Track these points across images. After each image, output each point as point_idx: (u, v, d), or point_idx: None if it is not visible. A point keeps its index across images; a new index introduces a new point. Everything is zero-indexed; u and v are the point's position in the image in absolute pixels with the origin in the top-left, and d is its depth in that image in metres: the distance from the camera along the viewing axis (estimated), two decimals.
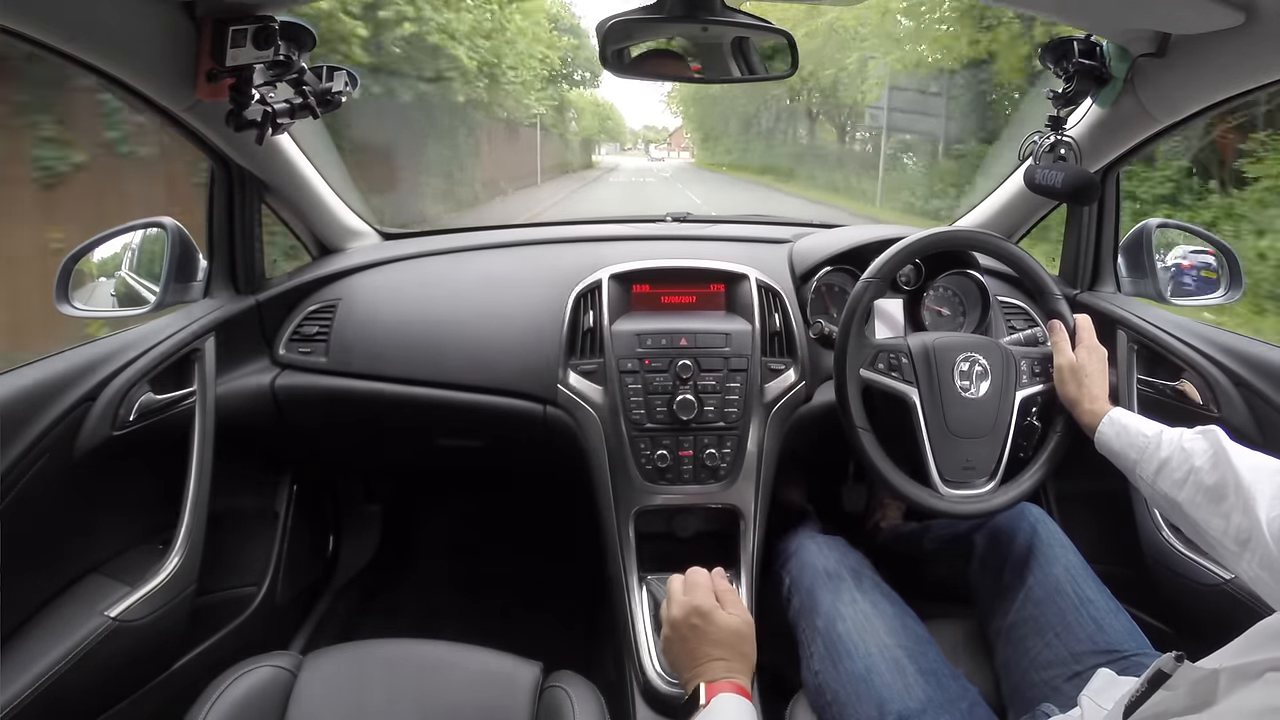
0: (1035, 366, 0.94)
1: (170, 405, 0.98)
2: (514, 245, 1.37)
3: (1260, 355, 0.97)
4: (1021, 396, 0.93)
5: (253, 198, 1.14)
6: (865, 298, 0.94)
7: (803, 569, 0.96)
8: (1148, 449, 0.76)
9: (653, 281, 1.17)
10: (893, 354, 0.94)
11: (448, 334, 1.20)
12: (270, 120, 0.92)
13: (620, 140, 41.08)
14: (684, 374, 1.05)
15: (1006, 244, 0.99)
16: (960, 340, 0.95)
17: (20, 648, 0.81)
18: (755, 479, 1.05)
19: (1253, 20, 0.74)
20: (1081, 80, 0.99)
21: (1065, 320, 0.93)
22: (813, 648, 0.86)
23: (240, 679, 0.81)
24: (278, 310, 1.22)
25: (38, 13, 0.69)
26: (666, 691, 0.92)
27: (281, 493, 1.33)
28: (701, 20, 0.83)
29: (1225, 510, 0.66)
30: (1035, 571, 0.88)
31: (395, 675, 0.84)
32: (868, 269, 0.96)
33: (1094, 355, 0.90)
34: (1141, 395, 1.07)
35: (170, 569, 0.93)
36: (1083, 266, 1.23)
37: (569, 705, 0.81)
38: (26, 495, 0.80)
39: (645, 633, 0.97)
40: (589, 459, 1.07)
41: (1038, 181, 1.07)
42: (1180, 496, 0.71)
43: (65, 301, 1.00)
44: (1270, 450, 0.68)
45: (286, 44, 0.90)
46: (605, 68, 0.88)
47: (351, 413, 1.22)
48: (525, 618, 1.44)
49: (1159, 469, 0.74)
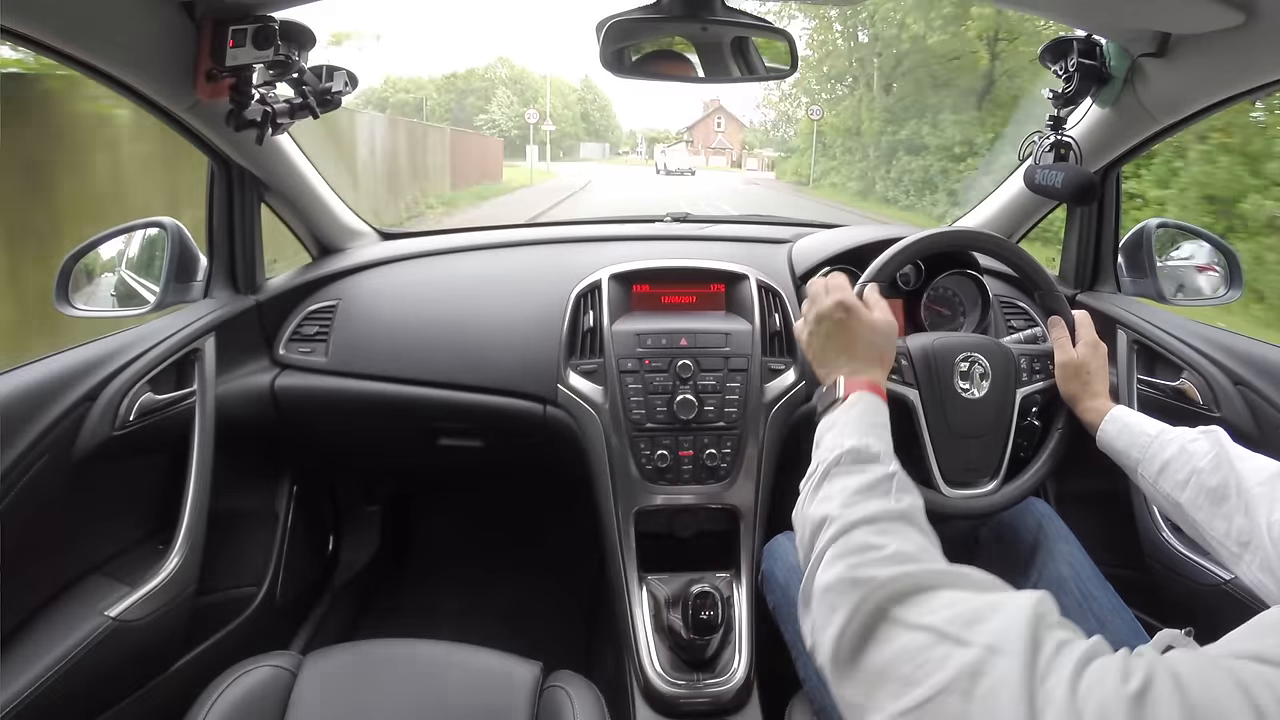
0: (1035, 365, 0.94)
1: (170, 405, 0.98)
2: (514, 245, 1.38)
3: (1260, 355, 0.97)
4: (1022, 395, 0.93)
5: (252, 198, 1.14)
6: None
7: (775, 564, 0.95)
8: (1150, 448, 0.76)
9: (653, 281, 1.17)
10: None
11: (447, 334, 1.20)
12: (270, 120, 0.92)
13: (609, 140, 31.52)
14: (684, 374, 1.05)
15: (1006, 243, 0.99)
16: (960, 340, 0.95)
17: (20, 648, 0.81)
18: (755, 479, 1.05)
19: (1253, 20, 0.74)
20: (1081, 80, 0.99)
21: (1066, 317, 0.93)
22: (797, 652, 0.86)
23: (240, 679, 0.81)
24: (278, 310, 1.22)
25: (38, 13, 0.69)
26: (666, 691, 0.91)
27: (281, 493, 1.33)
28: (701, 20, 0.83)
29: (1227, 512, 0.66)
30: (1039, 568, 0.88)
31: (395, 675, 0.84)
32: (867, 269, 0.96)
33: (1096, 352, 0.89)
34: (1141, 395, 1.07)
35: (170, 569, 0.93)
36: (1083, 266, 1.23)
37: (569, 705, 0.81)
38: (26, 495, 0.80)
39: (645, 632, 0.97)
40: (589, 459, 1.07)
41: (1038, 181, 1.07)
42: (1182, 497, 0.71)
43: (65, 301, 1.00)
44: (1270, 450, 0.68)
45: (286, 44, 0.90)
46: (605, 68, 0.88)
47: (351, 413, 1.22)
48: (525, 617, 1.44)
49: (1161, 469, 0.74)
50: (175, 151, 2.47)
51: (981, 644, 0.40)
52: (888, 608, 0.45)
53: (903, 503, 0.56)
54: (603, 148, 30.40)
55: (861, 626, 0.45)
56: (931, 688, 0.40)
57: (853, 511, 0.54)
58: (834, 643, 0.46)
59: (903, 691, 0.41)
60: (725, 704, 0.92)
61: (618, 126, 32.94)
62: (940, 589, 0.46)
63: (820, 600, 0.50)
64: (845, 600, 0.47)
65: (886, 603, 0.46)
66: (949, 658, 0.40)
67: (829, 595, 0.49)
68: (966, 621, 0.42)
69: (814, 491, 0.60)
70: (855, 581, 0.48)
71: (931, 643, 0.42)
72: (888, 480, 0.58)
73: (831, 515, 0.55)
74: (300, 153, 1.17)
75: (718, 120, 27.89)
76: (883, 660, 0.44)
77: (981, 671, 0.39)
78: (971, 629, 0.41)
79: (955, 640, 0.41)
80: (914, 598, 0.45)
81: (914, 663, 0.42)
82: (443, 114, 24.73)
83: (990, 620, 0.41)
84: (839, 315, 0.73)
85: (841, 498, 0.56)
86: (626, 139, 32.46)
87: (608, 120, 31.99)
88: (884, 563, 0.49)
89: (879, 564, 0.49)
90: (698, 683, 0.93)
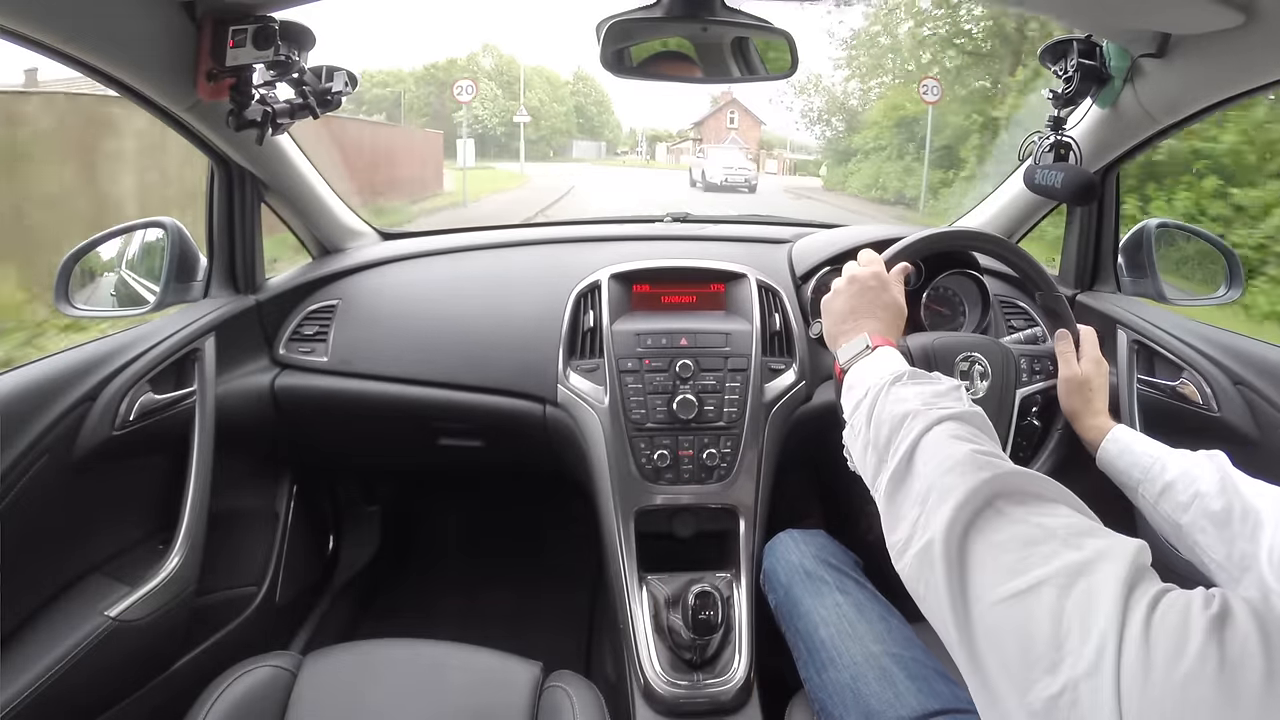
0: (1035, 365, 0.94)
1: (170, 405, 0.98)
2: (514, 245, 1.38)
3: (1260, 355, 0.97)
4: (1022, 395, 0.93)
5: (253, 198, 1.14)
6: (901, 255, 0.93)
7: (777, 563, 0.94)
8: (1151, 470, 0.76)
9: (653, 281, 1.17)
10: None
11: (447, 334, 1.20)
12: (270, 120, 0.92)
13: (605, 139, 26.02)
14: (684, 374, 1.05)
15: (1006, 243, 0.99)
16: (960, 340, 0.95)
17: (20, 648, 0.81)
18: (755, 478, 1.05)
19: (1253, 20, 0.74)
20: (1081, 80, 0.99)
21: (1069, 325, 0.93)
22: (797, 652, 0.85)
23: (240, 679, 0.81)
24: (278, 310, 1.22)
25: (38, 13, 0.69)
26: (666, 692, 0.91)
27: (281, 493, 1.33)
28: (701, 20, 0.83)
29: (1229, 536, 0.66)
30: None
31: (395, 675, 0.84)
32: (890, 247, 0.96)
33: (1100, 369, 0.89)
34: (1141, 395, 1.07)
35: (170, 569, 0.93)
36: (1082, 266, 1.23)
37: (569, 705, 0.81)
38: (26, 495, 0.80)
39: (645, 632, 0.97)
40: (589, 458, 1.07)
41: (1038, 181, 1.07)
42: (1184, 519, 0.71)
43: (65, 301, 1.00)
44: (1270, 449, 0.68)
45: (286, 44, 0.91)
46: (605, 68, 0.88)
47: (351, 412, 1.22)
48: (525, 617, 1.44)
49: (1163, 490, 0.74)
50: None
51: (1091, 549, 0.41)
52: (1002, 501, 0.46)
53: (978, 409, 0.58)
54: (598, 147, 25.92)
55: (977, 509, 0.46)
56: (1032, 579, 0.40)
57: (937, 410, 0.56)
58: (948, 521, 0.46)
59: (1002, 580, 0.42)
60: (725, 704, 0.92)
61: (617, 124, 27.84)
62: (1057, 502, 0.46)
63: (931, 481, 0.50)
64: (966, 480, 0.47)
65: (1004, 493, 0.46)
66: (1056, 554, 0.41)
67: (947, 475, 0.49)
68: (1079, 532, 0.43)
69: (881, 398, 0.62)
70: (980, 464, 0.49)
71: (1042, 538, 0.42)
72: (957, 389, 0.62)
73: (916, 410, 0.57)
74: (300, 153, 1.17)
75: (730, 115, 23.23)
76: (988, 545, 0.44)
77: (1084, 572, 0.39)
78: (1083, 539, 0.42)
79: (1065, 542, 0.42)
80: (1032, 500, 0.46)
81: (1020, 554, 0.42)
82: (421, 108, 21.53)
83: (1101, 538, 0.42)
84: (874, 284, 0.79)
85: (920, 399, 0.59)
86: (626, 138, 27.48)
87: (605, 117, 27.17)
88: (1000, 457, 0.50)
89: (996, 456, 0.50)
90: (697, 683, 0.93)
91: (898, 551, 0.51)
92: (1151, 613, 0.36)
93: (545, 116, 24.61)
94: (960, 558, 0.45)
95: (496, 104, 22.50)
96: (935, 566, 0.45)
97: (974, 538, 0.45)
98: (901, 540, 0.51)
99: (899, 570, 0.51)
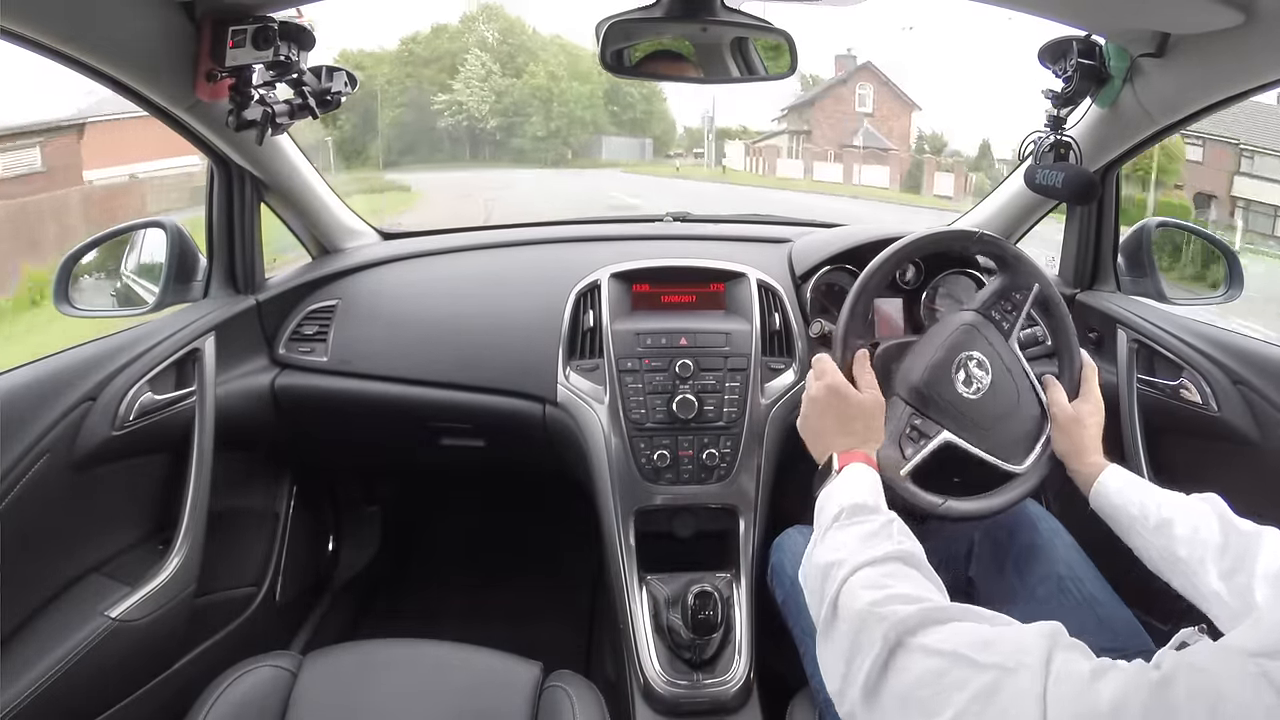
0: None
1: (170, 405, 0.98)
2: (514, 245, 1.38)
3: (1260, 354, 0.97)
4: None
5: (252, 198, 1.14)
6: (863, 298, 0.94)
7: (785, 558, 0.94)
8: (1147, 506, 0.75)
9: (653, 281, 1.17)
10: None
11: (447, 333, 1.20)
12: (270, 120, 0.92)
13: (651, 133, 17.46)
14: (684, 373, 1.05)
15: (1005, 243, 0.98)
16: (941, 356, 0.94)
17: (20, 648, 0.81)
18: (755, 478, 1.05)
19: (1253, 20, 0.74)
20: (1081, 80, 0.99)
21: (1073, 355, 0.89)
22: (804, 648, 0.85)
23: (240, 679, 0.81)
24: (277, 310, 1.22)
25: (37, 13, 0.69)
26: (666, 692, 0.91)
27: (281, 493, 1.33)
28: (701, 20, 0.83)
29: (1226, 569, 0.67)
30: (1037, 570, 0.88)
31: (395, 675, 0.84)
32: (865, 269, 0.96)
33: (1097, 411, 0.86)
34: (1141, 395, 1.07)
35: (170, 569, 0.93)
36: (1082, 266, 1.23)
37: (569, 705, 0.81)
38: (26, 495, 0.80)
39: (645, 632, 0.97)
40: (589, 458, 1.07)
41: (1038, 181, 1.07)
42: (1183, 553, 0.71)
43: (65, 301, 1.00)
44: (1270, 449, 0.68)
45: (286, 44, 0.91)
46: (605, 69, 0.88)
47: (351, 412, 1.22)
48: (525, 617, 1.44)
49: (1159, 526, 0.73)
50: None
51: (995, 664, 0.43)
52: (906, 638, 0.48)
53: (904, 545, 0.60)
54: (641, 145, 17.12)
55: (886, 655, 0.49)
56: (952, 714, 0.43)
57: (860, 555, 0.59)
58: (865, 673, 0.49)
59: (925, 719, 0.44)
60: (725, 704, 0.92)
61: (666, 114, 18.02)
62: (957, 620, 0.49)
63: (845, 635, 0.53)
64: (870, 632, 0.50)
65: (905, 633, 0.49)
66: (967, 681, 0.43)
67: (853, 631, 0.52)
68: (982, 644, 0.45)
69: (820, 543, 0.65)
70: (879, 616, 0.51)
71: (949, 667, 0.45)
72: (887, 526, 0.63)
73: (840, 559, 0.59)
74: (300, 153, 1.17)
75: (859, 90, 13.08)
76: (904, 686, 0.47)
77: (998, 688, 0.42)
78: (986, 651, 0.44)
79: (970, 663, 0.44)
80: (930, 628, 0.48)
81: (933, 688, 0.45)
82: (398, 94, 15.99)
83: (1003, 643, 0.44)
84: (833, 400, 0.78)
85: (848, 546, 0.61)
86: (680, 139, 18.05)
87: (651, 106, 17.32)
88: (900, 599, 0.52)
89: (896, 600, 0.52)
90: (697, 683, 0.93)
91: (837, 702, 0.54)
92: (1085, 690, 0.39)
93: (559, 100, 16.55)
94: (881, 703, 0.48)
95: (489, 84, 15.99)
96: (868, 717, 0.49)
97: (889, 681, 0.48)
98: (835, 693, 0.54)
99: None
